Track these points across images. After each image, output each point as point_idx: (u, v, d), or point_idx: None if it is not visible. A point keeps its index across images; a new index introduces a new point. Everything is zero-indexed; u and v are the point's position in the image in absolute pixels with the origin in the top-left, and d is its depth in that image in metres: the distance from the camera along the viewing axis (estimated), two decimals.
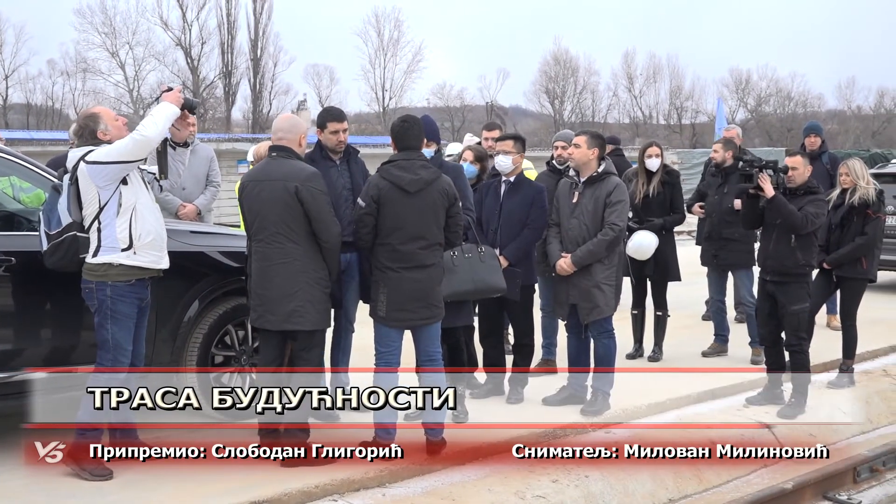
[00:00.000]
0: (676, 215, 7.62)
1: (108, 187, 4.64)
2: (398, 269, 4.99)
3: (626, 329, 7.79)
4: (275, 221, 4.84)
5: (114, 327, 4.68)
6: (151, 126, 4.68)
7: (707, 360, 7.70)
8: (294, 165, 4.92)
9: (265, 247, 4.88)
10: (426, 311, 5.05)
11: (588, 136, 6.07)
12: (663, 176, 7.60)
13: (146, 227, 4.71)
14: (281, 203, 4.82)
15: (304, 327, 4.87)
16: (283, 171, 4.88)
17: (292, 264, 4.83)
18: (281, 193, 4.82)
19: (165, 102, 4.81)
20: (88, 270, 4.71)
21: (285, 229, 4.83)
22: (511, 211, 6.13)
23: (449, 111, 56.61)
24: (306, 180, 4.83)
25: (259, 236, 4.91)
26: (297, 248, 4.84)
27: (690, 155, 30.54)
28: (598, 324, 6.04)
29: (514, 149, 6.19)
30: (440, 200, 5.04)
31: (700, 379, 7.02)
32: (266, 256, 4.87)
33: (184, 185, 7.87)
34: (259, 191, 4.90)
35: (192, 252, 5.54)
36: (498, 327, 6.46)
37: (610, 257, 5.99)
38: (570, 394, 6.23)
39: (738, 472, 5.59)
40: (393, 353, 5.10)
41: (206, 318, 5.52)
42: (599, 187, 6.01)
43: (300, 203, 4.80)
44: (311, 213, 4.82)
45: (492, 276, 5.65)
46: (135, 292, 4.74)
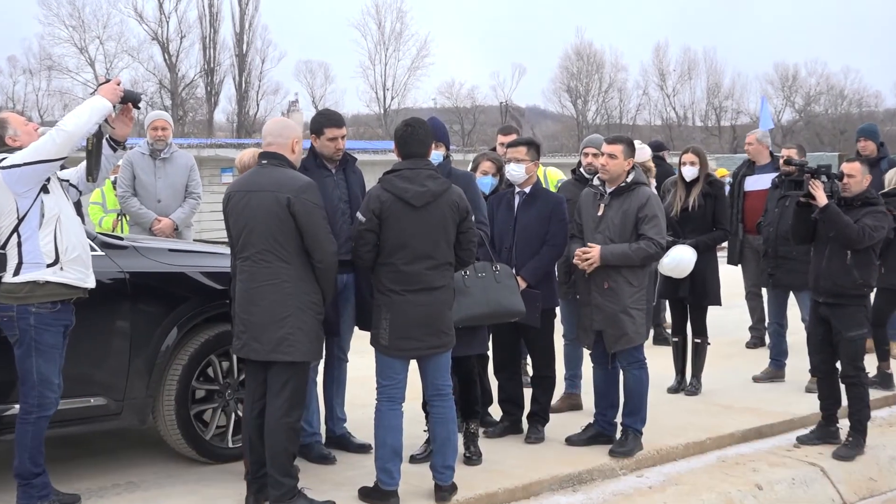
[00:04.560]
0: (719, 231, 7.60)
1: (27, 194, 4.61)
2: (403, 292, 4.98)
3: (660, 358, 7.76)
4: (263, 237, 4.83)
5: (39, 360, 4.63)
6: (72, 120, 4.67)
7: (752, 395, 7.65)
8: (286, 174, 4.92)
9: (252, 266, 4.87)
10: (434, 339, 5.04)
11: (625, 146, 6.05)
12: (704, 187, 7.58)
13: (71, 240, 4.69)
14: (271, 217, 4.81)
15: (295, 358, 4.83)
16: (274, 181, 4.87)
17: (282, 286, 4.81)
18: (271, 206, 4.81)
19: (97, 95, 4.80)
20: (7, 293, 4.64)
21: (275, 246, 4.82)
22: (527, 225, 6.13)
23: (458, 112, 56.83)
24: (300, 191, 4.83)
25: (245, 254, 4.89)
26: (287, 268, 4.83)
27: (731, 161, 30.52)
28: (627, 353, 6.02)
29: (528, 156, 6.19)
30: (450, 214, 5.04)
31: (744, 415, 6.99)
32: (252, 277, 4.86)
33: (159, 196, 7.95)
34: (246, 202, 4.89)
35: (170, 273, 5.54)
36: (515, 357, 6.44)
37: (639, 277, 5.97)
38: (596, 432, 6.20)
39: None
40: (396, 386, 5.08)
41: (186, 348, 5.51)
42: (628, 199, 6.00)
43: (293, 217, 4.80)
44: (304, 229, 4.81)
45: (508, 299, 5.64)
46: (60, 319, 4.70)
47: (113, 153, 4.99)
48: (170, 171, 8.02)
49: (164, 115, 8.36)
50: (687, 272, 7.37)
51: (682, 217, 7.55)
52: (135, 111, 5.01)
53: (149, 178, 7.94)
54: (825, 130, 55.14)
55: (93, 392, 5.19)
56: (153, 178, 7.94)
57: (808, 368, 7.11)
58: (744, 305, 9.52)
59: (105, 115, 4.79)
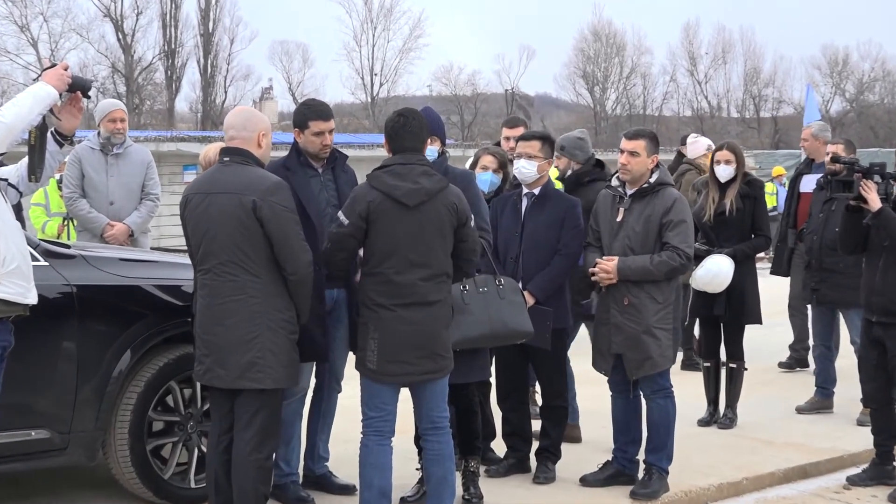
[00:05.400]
0: (759, 238, 7.62)
1: None
2: (393, 307, 4.99)
3: (689, 385, 7.77)
4: (226, 247, 4.84)
5: None
6: (12, 110, 4.65)
7: (796, 428, 7.67)
8: (252, 173, 4.94)
9: (214, 279, 4.88)
10: (429, 363, 5.05)
11: (647, 140, 6.08)
12: (742, 187, 7.61)
13: (10, 249, 4.67)
14: (234, 223, 4.82)
15: (265, 385, 4.84)
16: (238, 182, 4.88)
17: (249, 302, 4.82)
18: (234, 210, 4.82)
19: (40, 82, 4.81)
20: None
21: (240, 257, 4.83)
22: (536, 232, 6.15)
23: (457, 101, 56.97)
24: (267, 193, 4.84)
25: (206, 266, 4.91)
26: (255, 282, 4.84)
27: (771, 158, 30.62)
28: (650, 380, 6.03)
29: (542, 152, 6.21)
30: (447, 217, 5.06)
31: (787, 451, 7.01)
32: (215, 292, 4.87)
33: (112, 197, 7.96)
34: (206, 207, 4.90)
35: (124, 286, 5.55)
36: (522, 384, 6.46)
37: (664, 292, 5.99)
38: (616, 471, 6.21)
39: None
40: (385, 418, 5.09)
41: (142, 373, 5.52)
42: (652, 202, 6.03)
43: (259, 223, 4.82)
44: (273, 236, 4.82)
45: (514, 317, 5.65)
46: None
47: (59, 148, 4.99)
48: (124, 168, 8.04)
49: (121, 105, 8.38)
50: (723, 286, 7.38)
51: (717, 222, 7.57)
52: (84, 100, 5.02)
53: (100, 176, 7.95)
54: (880, 123, 55.25)
55: (34, 424, 5.19)
56: (105, 176, 7.96)
57: (859, 398, 7.13)
58: (788, 324, 9.54)
59: (50, 104, 4.80)
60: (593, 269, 6.01)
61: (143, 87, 50.66)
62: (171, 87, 51.31)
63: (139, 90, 50.15)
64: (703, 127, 52.28)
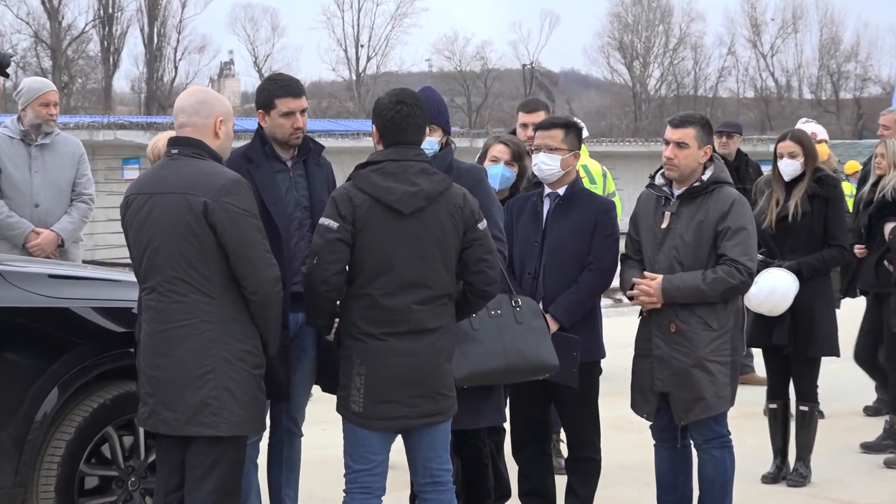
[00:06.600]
0: (833, 249, 7.62)
1: None
2: (383, 336, 5.00)
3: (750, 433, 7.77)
4: (173, 260, 4.84)
5: None
6: None
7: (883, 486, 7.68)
8: (205, 169, 4.94)
9: (159, 300, 4.88)
10: (427, 404, 5.06)
11: (699, 128, 6.07)
12: (812, 187, 7.62)
13: None
14: (182, 229, 4.82)
15: (221, 431, 4.83)
16: (187, 179, 4.88)
17: (200, 328, 4.82)
18: (182, 214, 4.82)
19: None
20: None
21: (189, 272, 4.83)
22: (560, 241, 6.16)
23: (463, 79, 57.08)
24: (222, 193, 4.84)
25: (150, 283, 4.91)
26: (209, 304, 4.84)
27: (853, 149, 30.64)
28: (703, 425, 6.04)
29: (565, 143, 6.22)
30: (450, 224, 5.06)
31: None
32: (160, 316, 4.87)
33: (36, 199, 7.97)
34: (149, 210, 4.91)
35: (50, 308, 5.57)
36: (542, 430, 6.47)
37: (721, 317, 6.00)
38: None
39: None
40: (373, 472, 5.09)
41: (72, 417, 5.54)
42: (705, 205, 6.04)
43: (211, 230, 4.82)
44: (228, 247, 4.82)
45: (534, 348, 5.66)
46: None
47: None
48: (51, 162, 8.04)
49: (52, 85, 8.35)
50: (782, 307, 7.38)
51: (780, 229, 7.57)
52: (1, 78, 5.05)
53: (21, 172, 7.94)
54: None
55: None
56: (27, 172, 7.95)
57: None
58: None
59: None
60: (632, 290, 6.02)
61: (73, 61, 50.80)
62: (109, 61, 51.48)
63: (68, 65, 50.30)
64: (768, 111, 52.42)
